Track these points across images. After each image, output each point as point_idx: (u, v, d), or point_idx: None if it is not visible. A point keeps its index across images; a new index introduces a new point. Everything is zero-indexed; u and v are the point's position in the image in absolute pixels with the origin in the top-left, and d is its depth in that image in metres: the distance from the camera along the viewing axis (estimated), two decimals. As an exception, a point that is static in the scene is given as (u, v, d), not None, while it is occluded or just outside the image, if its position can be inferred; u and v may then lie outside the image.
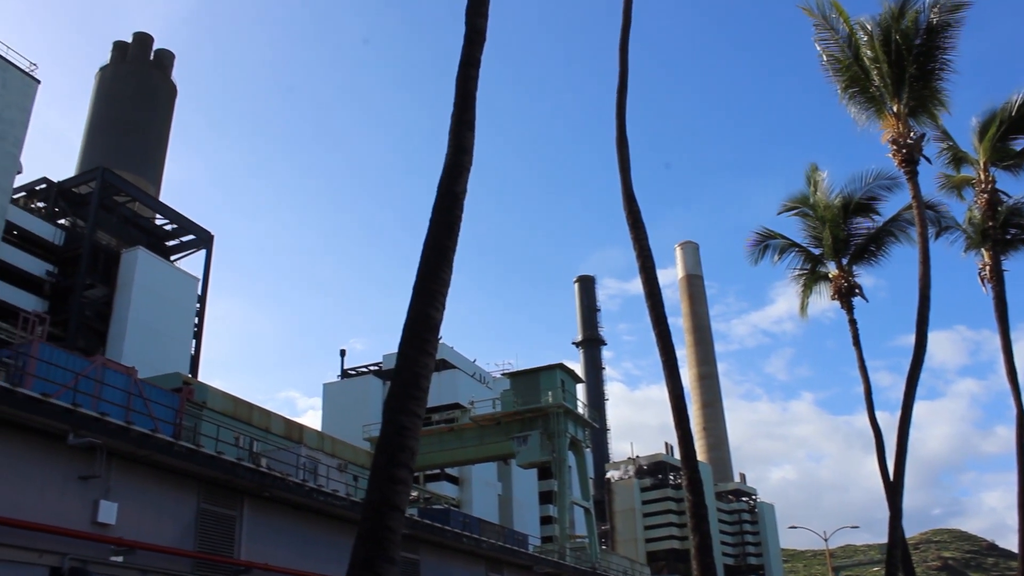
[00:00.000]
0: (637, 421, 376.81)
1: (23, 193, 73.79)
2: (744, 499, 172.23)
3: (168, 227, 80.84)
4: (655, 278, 24.24)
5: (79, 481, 22.02)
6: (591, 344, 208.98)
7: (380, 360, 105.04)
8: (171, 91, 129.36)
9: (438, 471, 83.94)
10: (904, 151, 30.72)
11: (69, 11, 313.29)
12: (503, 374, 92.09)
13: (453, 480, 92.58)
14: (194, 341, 74.94)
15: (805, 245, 39.32)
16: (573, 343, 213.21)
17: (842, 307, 36.85)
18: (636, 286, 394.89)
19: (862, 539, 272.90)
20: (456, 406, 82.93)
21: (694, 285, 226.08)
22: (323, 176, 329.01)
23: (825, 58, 32.82)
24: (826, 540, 76.18)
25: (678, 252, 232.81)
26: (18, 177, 65.66)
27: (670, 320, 24.03)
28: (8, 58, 63.65)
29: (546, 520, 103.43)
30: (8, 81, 63.14)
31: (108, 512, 22.32)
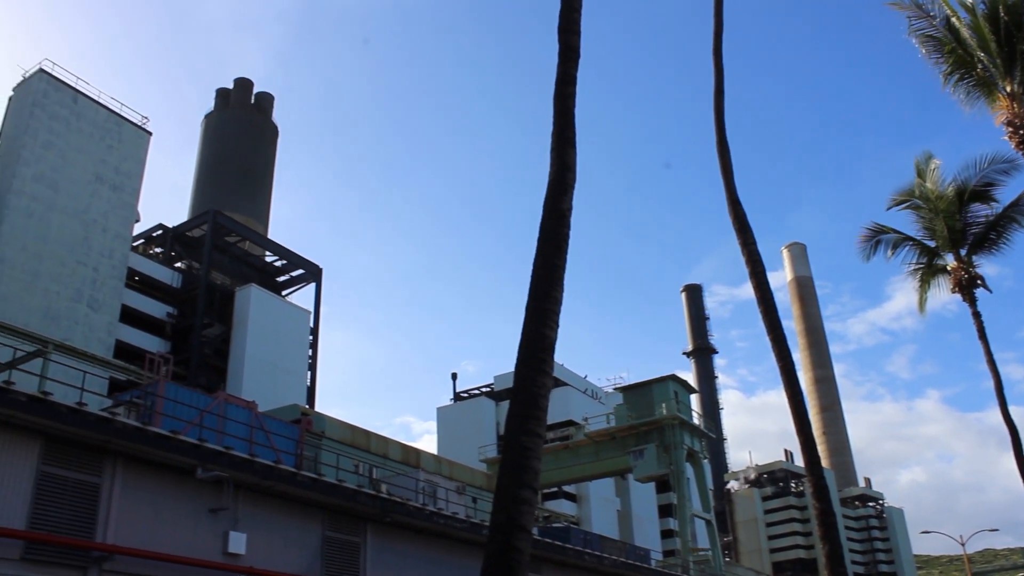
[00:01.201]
0: (756, 428, 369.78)
1: (142, 240, 76.95)
2: (871, 504, 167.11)
3: (278, 263, 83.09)
4: (766, 283, 23.85)
5: (209, 513, 22.78)
6: (702, 353, 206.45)
7: (492, 381, 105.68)
8: (273, 131, 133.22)
9: (556, 489, 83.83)
10: (1022, 132, 29.42)
11: (174, 64, 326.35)
12: (615, 388, 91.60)
13: (571, 497, 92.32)
14: (309, 372, 76.68)
15: (919, 238, 37.95)
16: (684, 353, 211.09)
17: (964, 300, 35.36)
18: (746, 291, 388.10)
19: (1003, 542, 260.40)
20: (570, 423, 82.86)
21: (804, 287, 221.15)
22: (426, 201, 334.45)
23: (924, 50, 31.78)
24: (963, 544, 73.25)
25: (785, 254, 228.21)
26: (136, 225, 68.67)
27: (782, 323, 23.61)
28: (122, 114, 66.71)
29: (667, 534, 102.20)
30: (123, 136, 66.14)
31: (238, 542, 23.03)
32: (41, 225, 58.61)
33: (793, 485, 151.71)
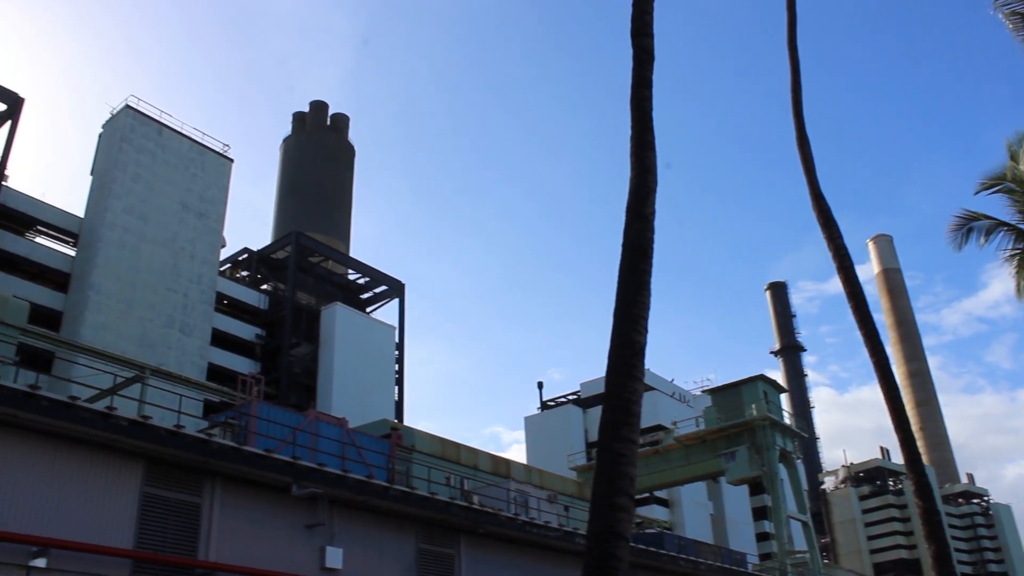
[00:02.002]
0: (849, 426, 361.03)
1: (228, 264, 78.82)
2: (975, 501, 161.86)
3: (361, 281, 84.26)
4: (855, 277, 23.38)
5: (305, 529, 23.19)
6: (790, 351, 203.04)
7: (578, 389, 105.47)
8: (350, 151, 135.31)
9: (647, 494, 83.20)
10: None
11: (250, 92, 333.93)
12: (703, 391, 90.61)
13: (663, 503, 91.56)
14: (396, 387, 77.50)
15: (1014, 223, 36.65)
16: (771, 352, 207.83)
17: (1065, 284, 34.07)
18: (833, 286, 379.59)
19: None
20: (658, 427, 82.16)
21: (892, 279, 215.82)
22: (504, 211, 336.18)
23: (1010, 25, 30.75)
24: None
25: (871, 247, 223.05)
26: (222, 250, 70.43)
27: (873, 318, 23.11)
28: (204, 143, 68.55)
29: (762, 537, 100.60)
30: (206, 164, 67.96)
31: (335, 557, 23.39)
32: (133, 255, 60.45)
33: (891, 483, 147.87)
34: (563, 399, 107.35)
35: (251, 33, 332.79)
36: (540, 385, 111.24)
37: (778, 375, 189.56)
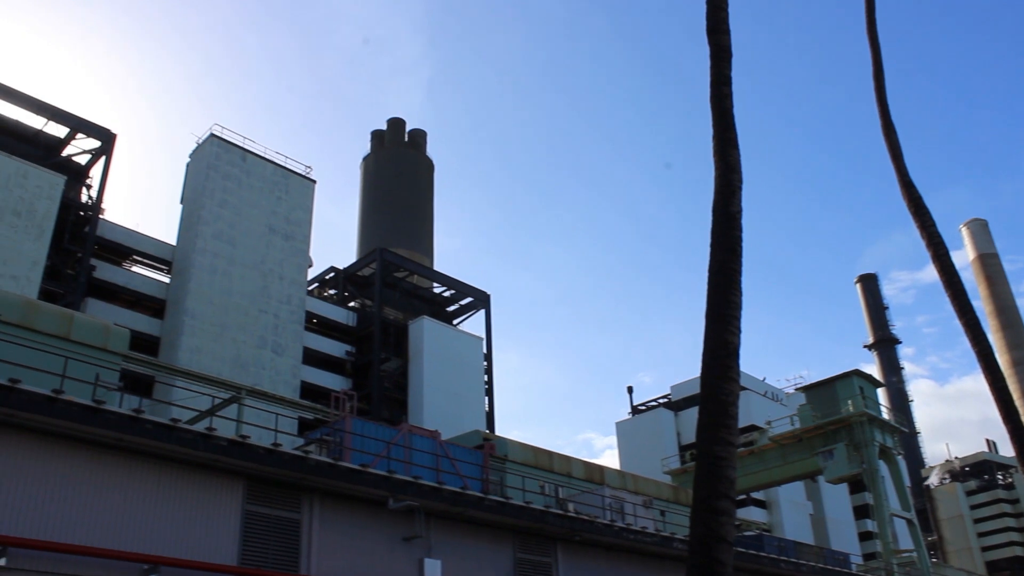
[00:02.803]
0: (952, 418, 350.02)
1: (316, 284, 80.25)
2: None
3: (446, 293, 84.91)
4: (951, 264, 22.69)
5: (403, 542, 23.41)
6: (885, 344, 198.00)
7: (668, 392, 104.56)
8: (428, 166, 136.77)
9: (744, 496, 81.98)
10: None
11: (329, 114, 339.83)
12: (796, 389, 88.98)
13: (760, 504, 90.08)
14: (486, 398, 77.83)
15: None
16: (865, 346, 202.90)
17: None
18: (928, 274, 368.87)
19: None
20: (752, 428, 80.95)
21: (989, 265, 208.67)
22: (584, 218, 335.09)
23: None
24: None
25: (965, 232, 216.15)
26: (310, 270, 71.74)
27: (972, 305, 22.39)
28: (287, 167, 69.98)
29: (865, 536, 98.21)
30: (290, 187, 69.35)
31: (433, 569, 23.56)
32: (224, 279, 61.96)
33: (1000, 477, 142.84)
34: (654, 403, 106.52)
35: (324, 56, 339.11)
36: (630, 390, 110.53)
37: (873, 369, 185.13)
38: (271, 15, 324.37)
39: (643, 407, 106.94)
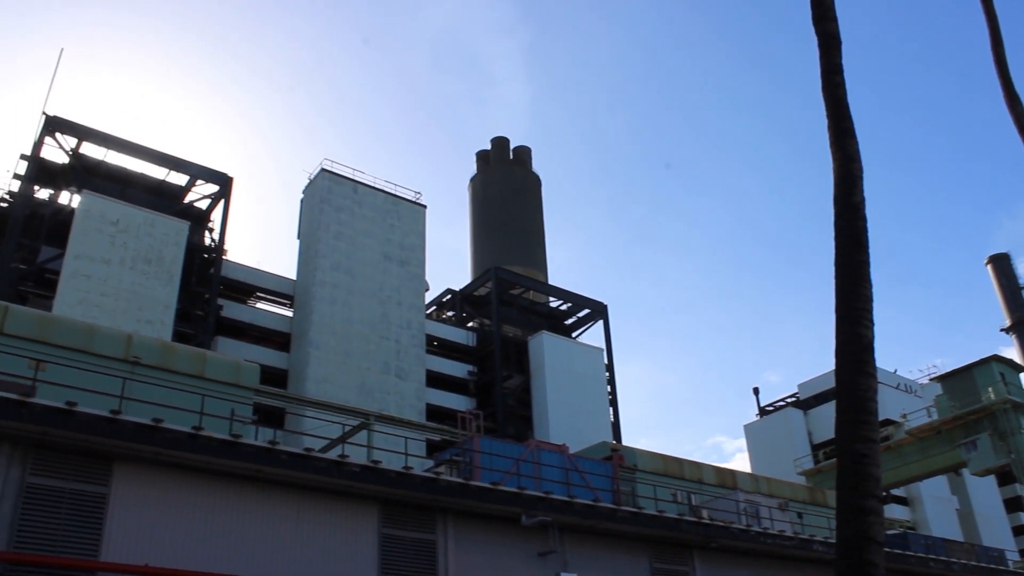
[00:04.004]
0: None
1: (434, 307, 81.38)
2: None
3: (563, 307, 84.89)
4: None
5: (538, 557, 23.44)
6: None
7: (796, 390, 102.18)
8: (535, 181, 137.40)
9: (883, 493, 79.23)
10: None
11: (433, 138, 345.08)
12: (931, 379, 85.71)
13: (901, 501, 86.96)
14: (611, 408, 77.46)
15: None
16: (1001, 330, 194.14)
17: None
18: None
19: None
20: (887, 422, 78.39)
21: None
22: (695, 221, 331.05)
23: None
24: None
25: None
26: (427, 294, 72.81)
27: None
28: (397, 194, 71.33)
29: (1020, 530, 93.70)
30: (401, 213, 70.63)
31: (571, 583, 23.52)
32: (344, 309, 63.40)
33: None
34: (781, 403, 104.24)
35: (421, 80, 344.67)
36: (756, 391, 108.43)
37: (1013, 353, 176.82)
38: (364, 45, 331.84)
39: (771, 407, 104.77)
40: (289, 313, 65.52)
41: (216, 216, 62.65)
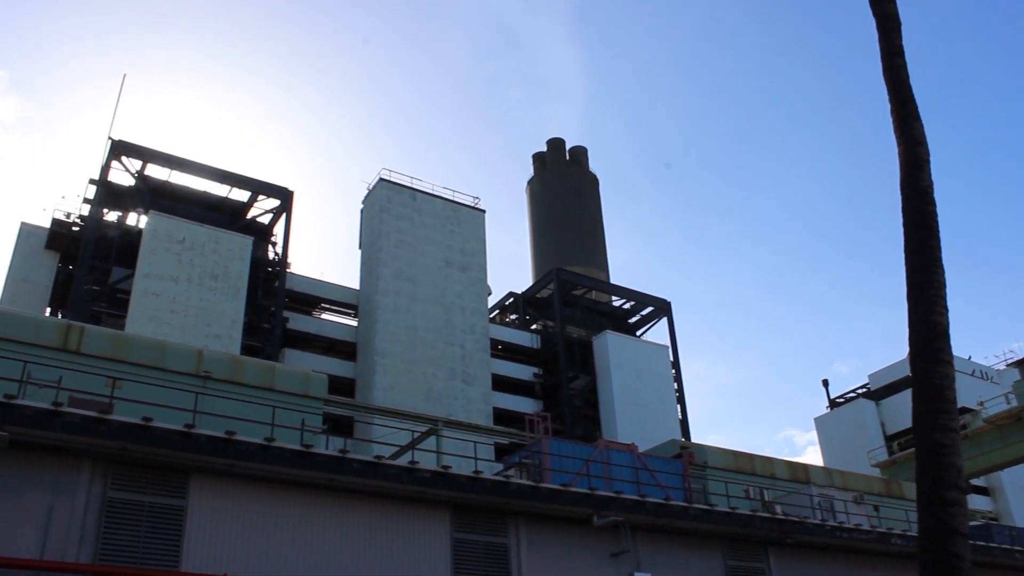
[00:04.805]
0: None
1: (497, 311, 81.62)
2: None
3: (626, 305, 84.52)
4: None
5: (611, 558, 23.34)
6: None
7: (866, 381, 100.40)
8: (593, 181, 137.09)
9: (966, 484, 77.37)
10: None
11: (488, 142, 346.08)
12: (1008, 365, 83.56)
13: (982, 491, 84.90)
14: (678, 406, 76.92)
15: None
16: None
17: None
18: None
19: None
20: (964, 410, 76.66)
21: None
22: (755, 216, 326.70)
23: None
24: None
25: None
26: (489, 298, 73.05)
27: None
28: (456, 200, 71.72)
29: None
30: (461, 219, 70.99)
31: (645, 583, 23.39)
32: (408, 316, 63.90)
33: None
34: (852, 394, 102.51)
35: (475, 84, 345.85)
36: (825, 383, 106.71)
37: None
38: (413, 49, 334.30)
39: (841, 399, 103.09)
40: (354, 323, 66.24)
41: (278, 230, 63.71)
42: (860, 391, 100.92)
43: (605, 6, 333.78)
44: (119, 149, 57.02)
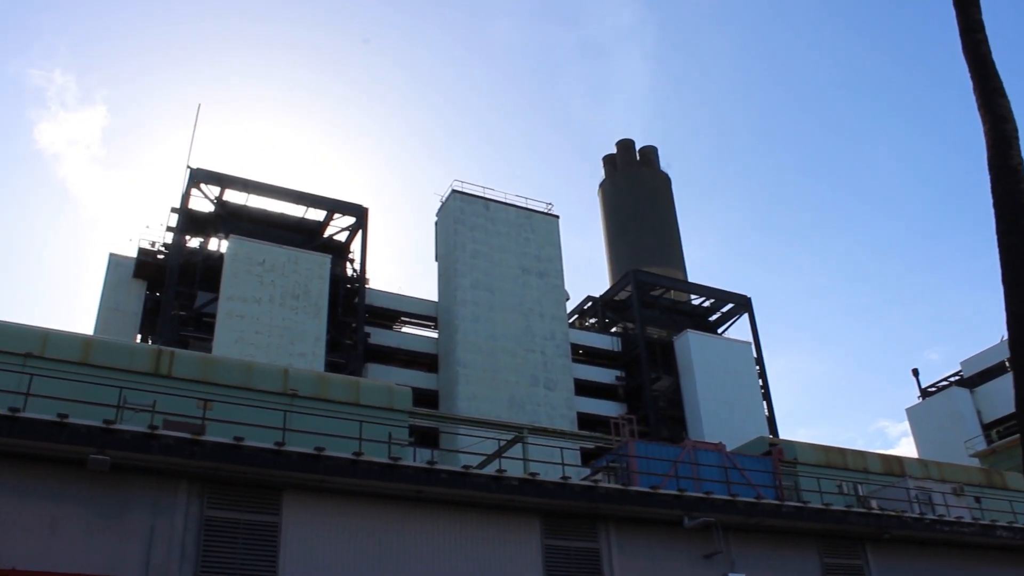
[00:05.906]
0: None
1: (576, 316, 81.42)
2: None
3: (706, 304, 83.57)
4: None
5: (704, 559, 23.11)
6: None
7: (959, 368, 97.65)
8: (664, 180, 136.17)
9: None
10: None
11: (556, 147, 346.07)
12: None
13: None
14: (764, 403, 75.76)
15: None
16: None
17: None
18: None
19: None
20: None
21: None
22: (828, 208, 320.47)
23: None
24: None
25: None
26: (568, 303, 72.93)
27: None
28: (529, 207, 71.85)
29: None
30: (535, 226, 71.05)
31: (740, 583, 23.09)
32: (488, 325, 64.16)
33: None
34: (944, 382, 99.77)
35: (540, 87, 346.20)
36: (915, 372, 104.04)
37: None
38: (474, 54, 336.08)
39: (933, 388, 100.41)
40: (434, 334, 66.72)
41: (355, 246, 64.50)
42: (953, 379, 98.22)
43: (671, 5, 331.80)
44: (198, 177, 58.47)
